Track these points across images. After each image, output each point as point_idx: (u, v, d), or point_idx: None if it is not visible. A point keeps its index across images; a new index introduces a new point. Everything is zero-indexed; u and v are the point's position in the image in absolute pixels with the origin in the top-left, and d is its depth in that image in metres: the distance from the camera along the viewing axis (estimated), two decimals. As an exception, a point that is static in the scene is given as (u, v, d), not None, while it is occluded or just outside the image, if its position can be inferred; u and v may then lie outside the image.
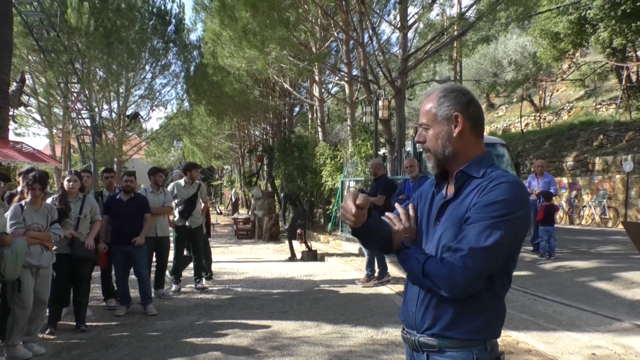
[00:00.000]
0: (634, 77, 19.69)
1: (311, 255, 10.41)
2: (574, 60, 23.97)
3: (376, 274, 7.35)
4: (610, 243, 10.60)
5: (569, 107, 24.28)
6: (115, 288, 6.17)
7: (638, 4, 15.90)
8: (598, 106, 21.94)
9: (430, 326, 1.52)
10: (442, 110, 1.58)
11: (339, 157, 14.14)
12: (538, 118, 25.01)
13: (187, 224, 7.13)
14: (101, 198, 6.29)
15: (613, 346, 4.30)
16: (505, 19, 12.34)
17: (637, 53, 19.52)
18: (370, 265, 7.40)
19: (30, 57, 16.71)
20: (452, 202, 1.57)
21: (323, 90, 16.77)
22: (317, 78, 16.01)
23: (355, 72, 14.71)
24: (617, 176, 14.72)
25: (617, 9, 15.89)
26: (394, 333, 4.93)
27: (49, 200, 5.05)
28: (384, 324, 5.24)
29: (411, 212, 1.71)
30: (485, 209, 1.45)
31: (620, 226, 14.23)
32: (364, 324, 5.27)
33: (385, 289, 7.06)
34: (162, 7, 19.73)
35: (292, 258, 10.41)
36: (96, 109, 18.90)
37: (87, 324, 5.31)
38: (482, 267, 1.42)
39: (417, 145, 1.90)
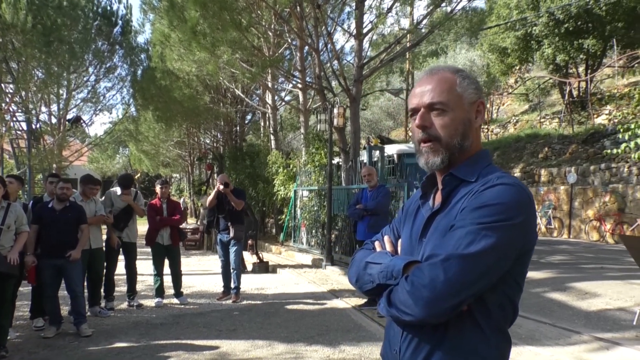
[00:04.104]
0: (575, 93, 20.55)
1: (262, 267, 10.03)
2: (520, 75, 24.83)
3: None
4: (558, 252, 10.82)
5: (515, 120, 25.09)
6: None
7: (579, 23, 16.67)
8: (542, 120, 22.77)
9: None
10: (468, 92, 1.30)
11: (291, 165, 13.85)
12: (486, 130, 25.69)
13: (122, 236, 6.62)
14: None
15: (575, 361, 4.20)
16: (457, 31, 12.48)
17: (578, 70, 20.43)
18: (230, 279, 7.20)
19: (-41, 54, 15.46)
20: (439, 213, 1.28)
21: (276, 97, 16.47)
22: (270, 85, 15.70)
23: (309, 80, 14.49)
24: (562, 187, 15.19)
25: (561, 26, 16.60)
26: (351, 352, 4.64)
27: (-35, 209, 4.47)
28: (340, 341, 4.94)
29: (387, 246, 1.42)
30: (472, 213, 1.16)
31: (565, 235, 14.68)
32: (320, 342, 4.95)
33: (341, 303, 6.78)
34: (108, 8, 18.82)
35: (243, 270, 9.98)
36: (33, 112, 17.68)
37: (11, 346, 4.71)
38: (459, 280, 1.11)
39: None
